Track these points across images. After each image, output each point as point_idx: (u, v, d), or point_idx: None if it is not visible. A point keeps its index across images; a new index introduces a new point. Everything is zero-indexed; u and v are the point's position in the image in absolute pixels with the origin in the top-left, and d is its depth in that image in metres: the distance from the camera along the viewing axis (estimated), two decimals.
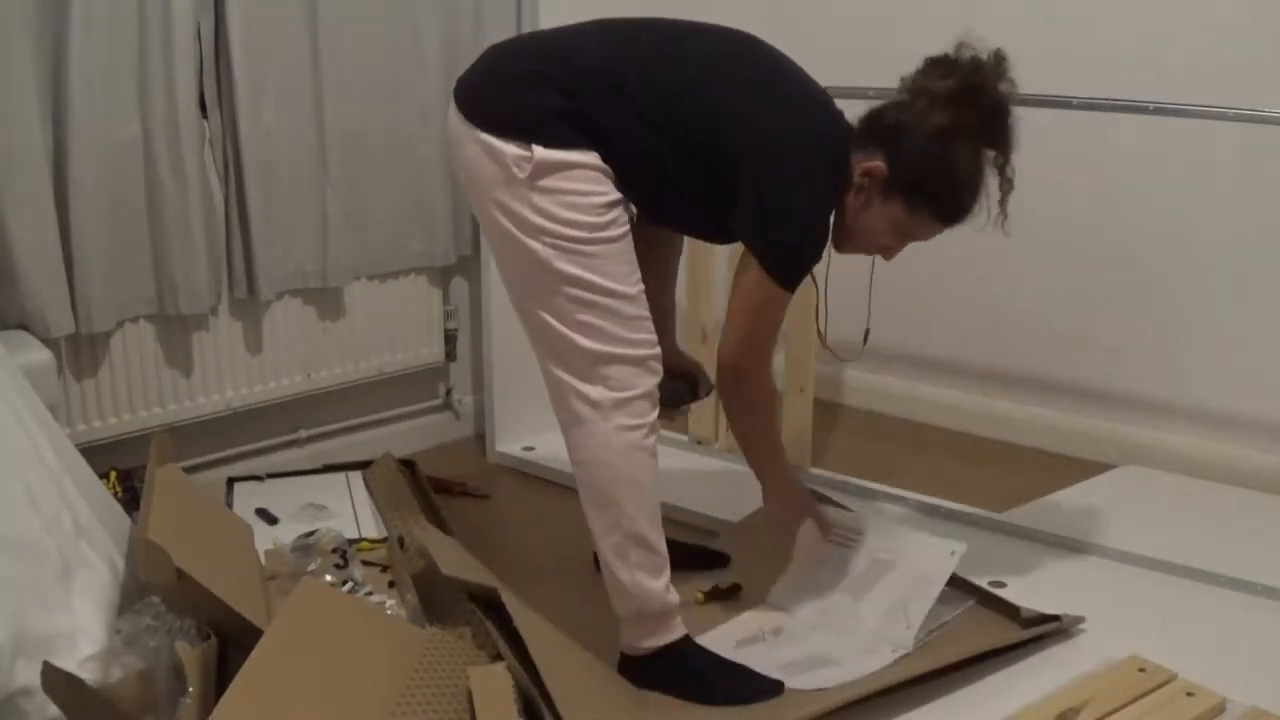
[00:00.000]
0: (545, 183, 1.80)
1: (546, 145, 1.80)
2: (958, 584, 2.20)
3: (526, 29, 3.00)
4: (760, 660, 1.95)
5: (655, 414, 1.86)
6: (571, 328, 1.82)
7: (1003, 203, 1.92)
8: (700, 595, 2.16)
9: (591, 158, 1.81)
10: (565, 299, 1.82)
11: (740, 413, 1.99)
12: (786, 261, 1.85)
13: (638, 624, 1.89)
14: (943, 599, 2.04)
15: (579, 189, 1.81)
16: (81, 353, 2.41)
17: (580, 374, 1.84)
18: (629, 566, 1.86)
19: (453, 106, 1.89)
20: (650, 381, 1.84)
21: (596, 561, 2.03)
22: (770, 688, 1.88)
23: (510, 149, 1.80)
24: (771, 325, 1.90)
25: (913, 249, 1.98)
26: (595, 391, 1.83)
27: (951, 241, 1.98)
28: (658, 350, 1.86)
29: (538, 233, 1.80)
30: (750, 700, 1.86)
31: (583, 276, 1.80)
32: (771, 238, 1.84)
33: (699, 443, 3.00)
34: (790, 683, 1.89)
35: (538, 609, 2.08)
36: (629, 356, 1.83)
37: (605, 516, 1.87)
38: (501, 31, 2.96)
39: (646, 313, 1.86)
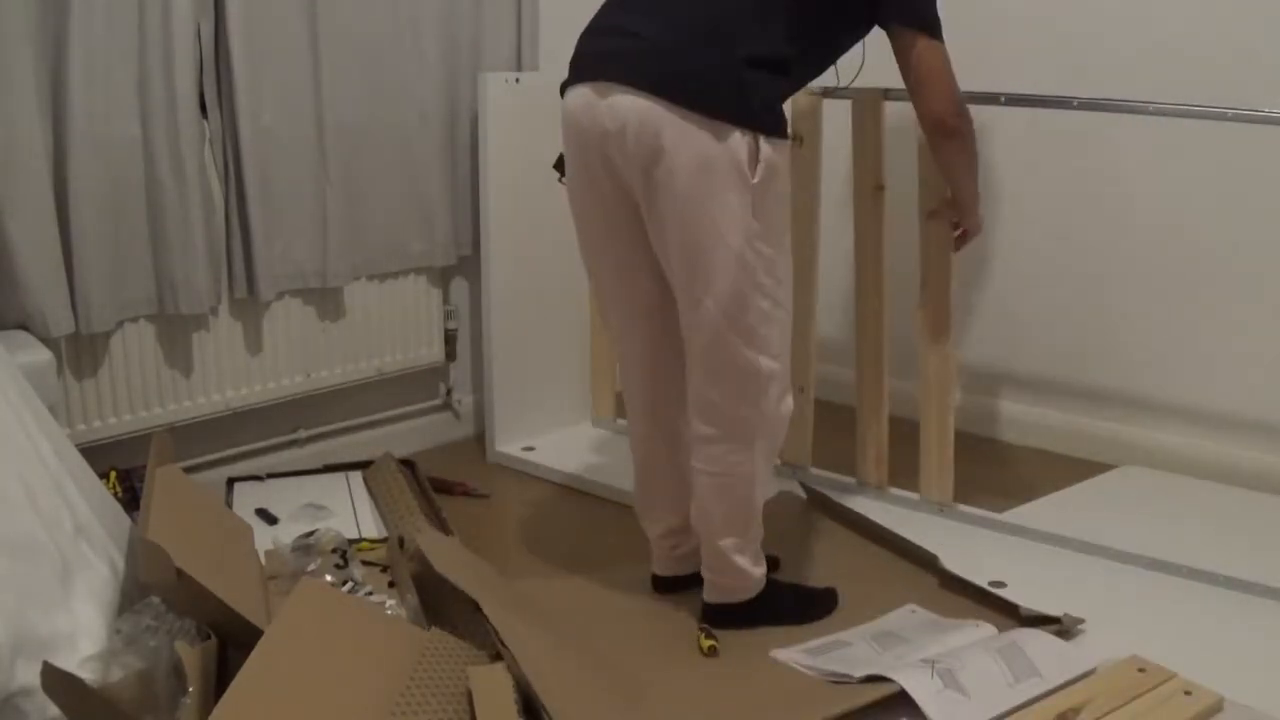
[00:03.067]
0: (768, 184, 1.84)
1: (771, 137, 1.83)
2: (959, 587, 2.20)
3: (527, 29, 3.01)
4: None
5: None
6: (759, 348, 1.90)
7: None
8: (704, 646, 2.01)
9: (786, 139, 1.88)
10: (761, 313, 1.90)
11: (960, 151, 2.10)
12: (932, 16, 1.96)
13: (735, 594, 2.07)
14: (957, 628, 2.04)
15: (786, 181, 1.91)
16: (81, 353, 2.41)
17: (757, 395, 1.93)
18: (750, 559, 2.05)
19: (609, 81, 1.83)
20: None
21: (654, 581, 2.21)
22: (829, 598, 2.16)
23: (744, 145, 1.80)
24: (952, 73, 2.00)
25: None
26: (756, 408, 1.93)
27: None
28: None
29: (749, 235, 1.83)
30: (822, 614, 2.12)
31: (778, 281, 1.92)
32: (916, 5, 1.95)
33: None
34: (814, 662, 1.91)
35: (536, 610, 2.08)
36: (786, 372, 1.97)
37: (739, 523, 2.01)
38: (502, 31, 2.97)
39: None
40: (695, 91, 1.78)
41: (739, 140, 1.79)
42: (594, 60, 1.90)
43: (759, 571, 2.07)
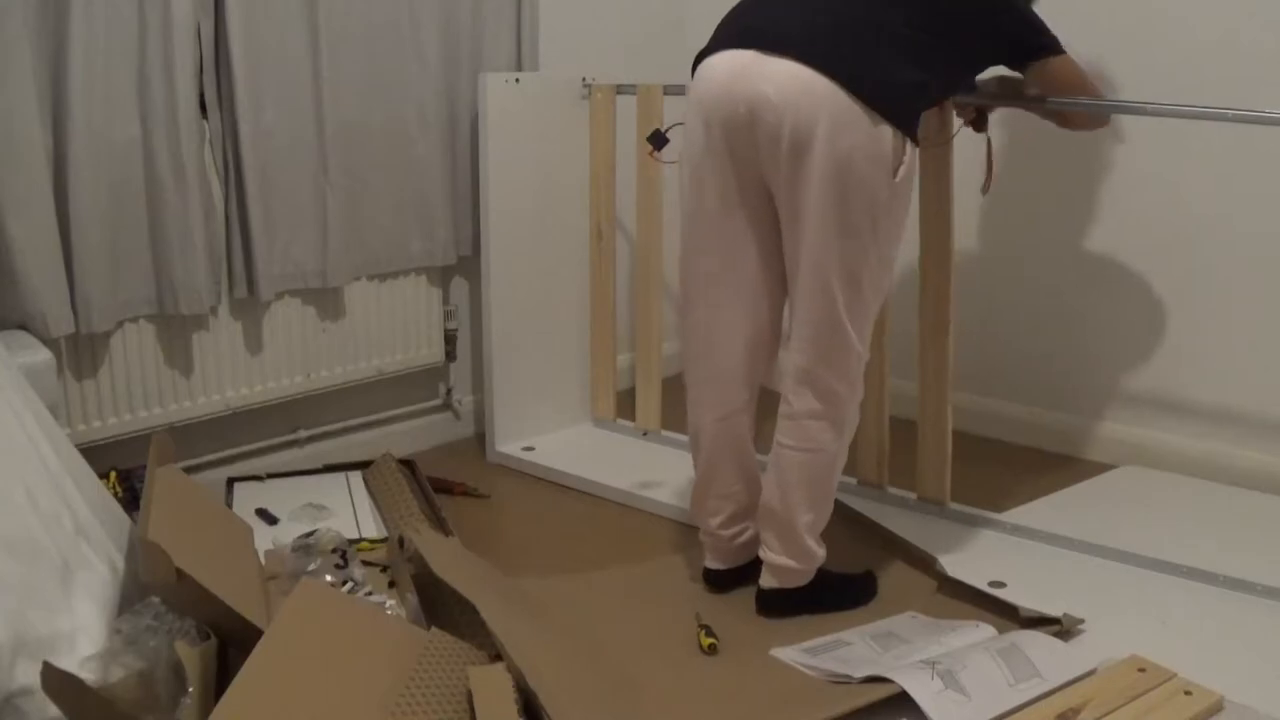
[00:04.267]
0: (906, 184, 1.91)
1: (916, 143, 1.91)
2: (959, 588, 2.20)
3: (527, 29, 3.01)
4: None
5: None
6: (861, 333, 1.99)
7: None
8: (704, 645, 2.01)
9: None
10: (869, 302, 1.98)
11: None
12: (1050, 37, 2.07)
13: (796, 578, 2.10)
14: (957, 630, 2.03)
15: (912, 189, 1.98)
16: (81, 353, 2.41)
17: (856, 376, 2.02)
18: (816, 540, 2.10)
19: (786, 56, 1.83)
20: None
21: (710, 577, 2.22)
22: (871, 582, 2.22)
23: (892, 142, 1.85)
24: (1085, 75, 2.14)
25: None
26: (853, 389, 2.03)
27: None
28: None
29: (880, 227, 1.90)
30: (868, 598, 2.18)
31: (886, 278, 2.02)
32: (1034, 35, 2.06)
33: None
34: (814, 661, 1.91)
35: (536, 609, 2.09)
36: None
37: (817, 501, 2.07)
38: (502, 31, 2.97)
39: None
40: (863, 80, 1.81)
41: (892, 137, 1.84)
42: (752, 29, 1.90)
43: (821, 554, 2.12)
